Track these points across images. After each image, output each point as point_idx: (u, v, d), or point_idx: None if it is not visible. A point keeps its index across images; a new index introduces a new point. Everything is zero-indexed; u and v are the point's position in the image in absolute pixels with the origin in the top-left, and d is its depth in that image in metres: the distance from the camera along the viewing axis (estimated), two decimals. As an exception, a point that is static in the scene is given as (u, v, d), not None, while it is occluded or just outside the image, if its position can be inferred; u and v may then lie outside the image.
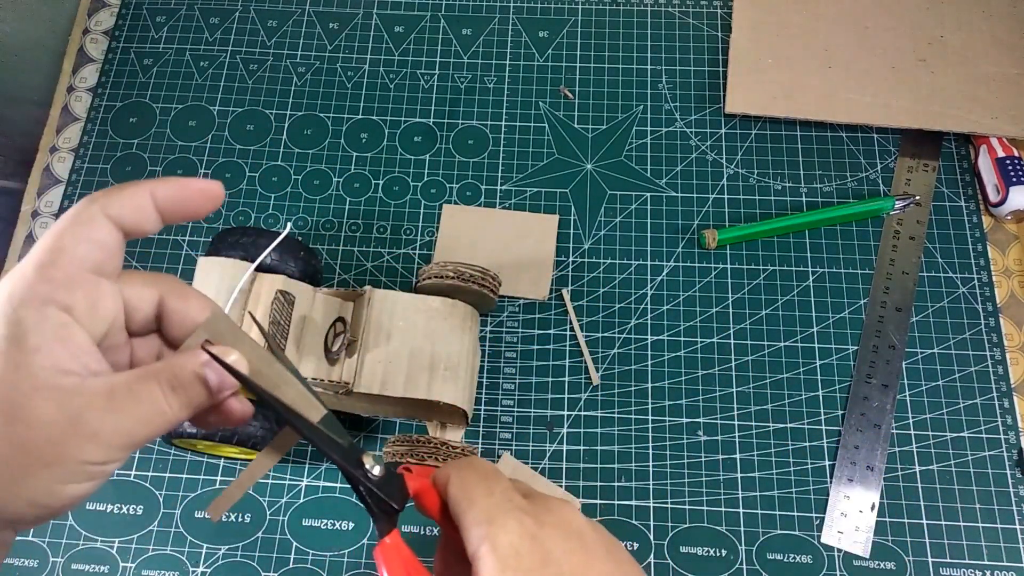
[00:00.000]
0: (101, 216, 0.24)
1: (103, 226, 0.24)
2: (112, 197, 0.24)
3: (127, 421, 0.23)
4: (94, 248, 0.24)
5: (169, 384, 0.24)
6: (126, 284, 0.25)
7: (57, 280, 0.23)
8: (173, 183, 0.26)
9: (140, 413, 0.23)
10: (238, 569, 0.46)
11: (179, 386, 0.24)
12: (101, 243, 0.24)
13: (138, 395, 0.23)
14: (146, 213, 0.25)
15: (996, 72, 0.56)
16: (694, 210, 0.55)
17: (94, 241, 0.24)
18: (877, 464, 0.48)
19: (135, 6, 0.63)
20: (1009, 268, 0.53)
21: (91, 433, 0.22)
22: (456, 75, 0.60)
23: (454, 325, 0.46)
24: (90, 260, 0.24)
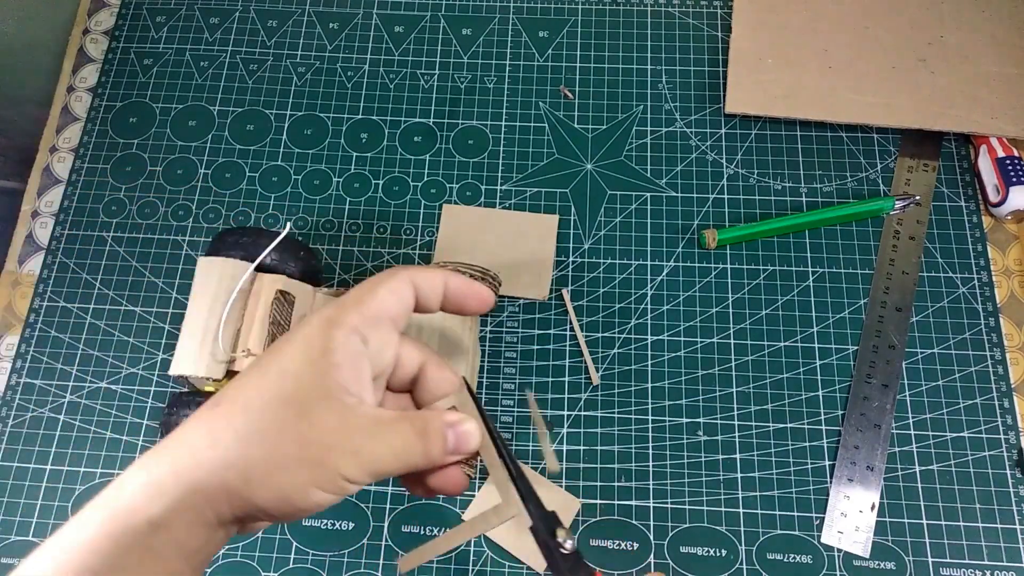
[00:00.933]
0: (408, 280, 0.30)
1: (407, 288, 0.29)
2: (419, 271, 0.30)
3: (381, 448, 0.27)
4: (397, 302, 0.29)
5: (419, 430, 0.28)
6: (402, 343, 0.30)
7: (366, 316, 0.28)
8: (464, 282, 0.31)
9: (393, 445, 0.27)
10: (238, 569, 0.46)
11: (426, 434, 0.28)
12: (402, 300, 0.29)
13: (396, 430, 0.27)
14: (436, 293, 0.30)
15: (996, 72, 0.56)
16: (694, 210, 0.55)
17: (398, 296, 0.29)
18: (877, 464, 0.48)
19: (135, 6, 0.63)
20: (1009, 268, 0.53)
21: (354, 449, 0.26)
22: (456, 75, 0.60)
23: (454, 325, 0.46)
24: (392, 310, 0.29)
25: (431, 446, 0.28)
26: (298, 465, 0.26)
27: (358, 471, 0.26)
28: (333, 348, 0.27)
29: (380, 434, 0.27)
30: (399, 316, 0.29)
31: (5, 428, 0.50)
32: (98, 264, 0.54)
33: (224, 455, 0.26)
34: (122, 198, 0.57)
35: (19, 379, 0.51)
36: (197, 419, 0.27)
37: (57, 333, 0.53)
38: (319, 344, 0.27)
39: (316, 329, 0.27)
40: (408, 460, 0.28)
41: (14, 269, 0.55)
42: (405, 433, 0.28)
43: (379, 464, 0.27)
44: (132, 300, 0.53)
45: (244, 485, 0.25)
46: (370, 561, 0.46)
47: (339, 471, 0.26)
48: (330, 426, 0.26)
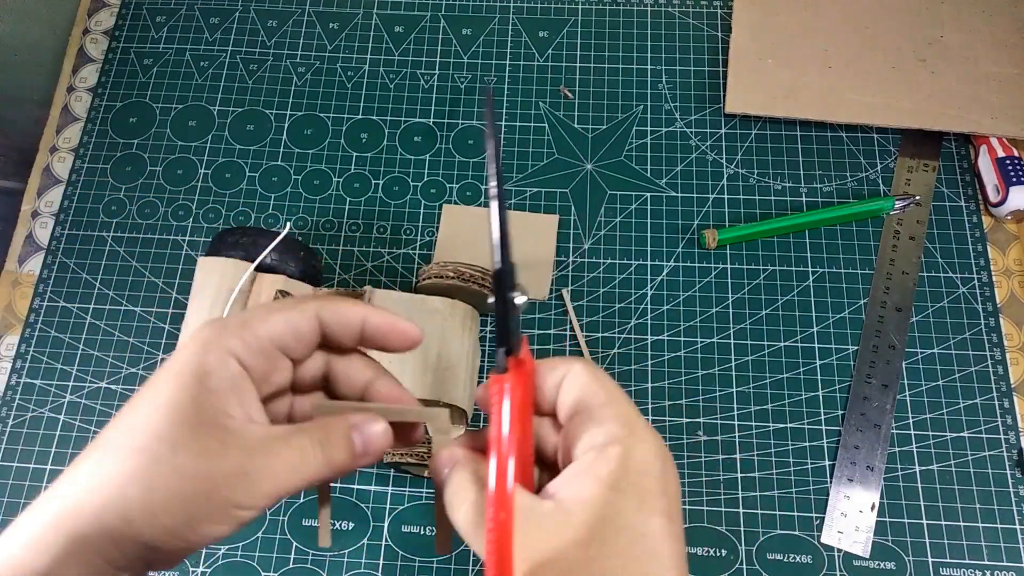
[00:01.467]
0: (312, 312, 0.27)
1: (308, 323, 0.27)
2: (331, 304, 0.28)
3: (276, 466, 0.25)
4: (290, 333, 0.27)
5: (319, 440, 0.26)
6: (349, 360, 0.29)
7: (247, 340, 0.26)
8: (385, 319, 0.28)
9: (290, 461, 0.25)
10: (238, 569, 0.46)
11: (327, 444, 0.26)
12: (297, 333, 0.27)
13: (291, 444, 0.26)
14: (350, 331, 0.28)
15: (996, 72, 0.56)
16: (694, 210, 0.55)
17: (294, 329, 0.27)
18: (877, 464, 0.48)
19: (135, 6, 0.63)
20: (1009, 268, 0.53)
21: (243, 473, 0.24)
22: (456, 75, 0.60)
23: (454, 325, 0.46)
24: (281, 339, 0.27)
25: (334, 453, 0.26)
26: (180, 502, 0.24)
27: (251, 496, 0.25)
28: (208, 372, 0.25)
29: (273, 451, 0.25)
30: (291, 346, 0.27)
31: (5, 428, 0.50)
32: (98, 264, 0.54)
33: (102, 499, 0.24)
34: (122, 198, 0.57)
35: (19, 379, 0.51)
36: (81, 459, 0.26)
37: (57, 333, 0.53)
38: (192, 370, 0.25)
39: (189, 355, 0.25)
40: (308, 473, 0.26)
41: (14, 269, 0.55)
42: (302, 446, 0.26)
43: (275, 484, 0.25)
44: (132, 300, 0.53)
45: (127, 527, 0.24)
46: (370, 561, 0.46)
47: (229, 501, 0.24)
48: (211, 454, 0.24)
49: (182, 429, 0.24)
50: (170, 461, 0.24)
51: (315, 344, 0.28)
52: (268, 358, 0.27)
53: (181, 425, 0.24)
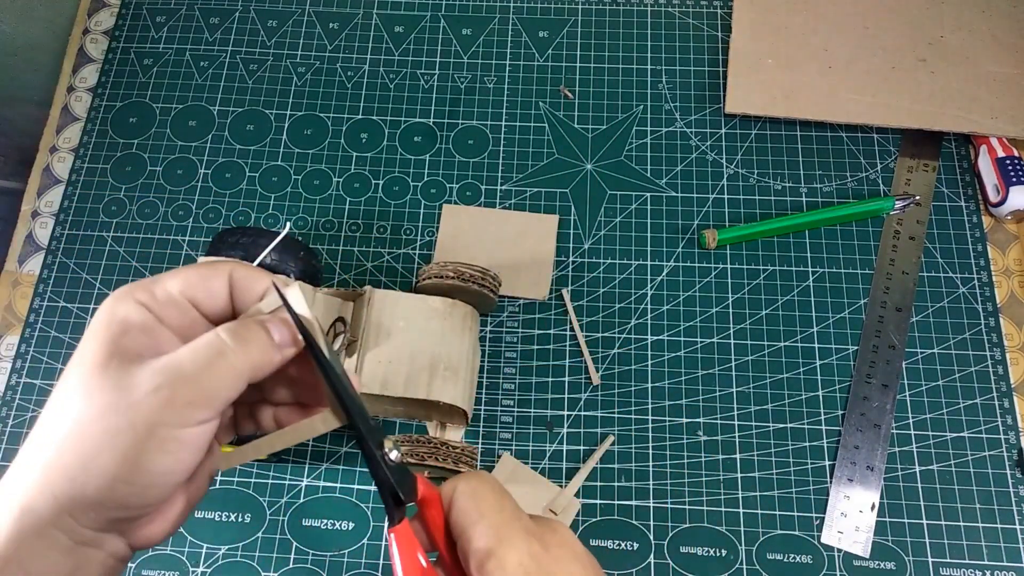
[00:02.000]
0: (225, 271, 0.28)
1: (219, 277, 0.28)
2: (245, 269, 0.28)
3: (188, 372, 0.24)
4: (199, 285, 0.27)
5: (234, 335, 0.26)
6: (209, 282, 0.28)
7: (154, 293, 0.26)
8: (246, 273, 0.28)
9: (200, 361, 0.25)
10: (238, 569, 0.46)
11: (244, 337, 0.26)
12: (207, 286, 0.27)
13: (196, 347, 0.25)
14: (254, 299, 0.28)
15: (996, 72, 0.56)
16: (694, 210, 0.55)
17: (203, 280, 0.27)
18: (877, 464, 0.48)
19: (135, 6, 0.63)
20: (1009, 268, 0.53)
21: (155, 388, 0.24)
22: (456, 75, 0.60)
23: (454, 325, 0.46)
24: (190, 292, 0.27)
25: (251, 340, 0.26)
26: (108, 437, 0.23)
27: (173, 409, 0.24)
28: (115, 320, 0.25)
29: (186, 362, 0.25)
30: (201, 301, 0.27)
31: (5, 428, 0.50)
32: (98, 264, 0.54)
33: (44, 463, 0.24)
34: (122, 198, 0.57)
35: (19, 379, 0.51)
36: (26, 440, 0.26)
37: (57, 333, 0.53)
38: (101, 320, 0.25)
39: (100, 311, 0.26)
40: (233, 368, 0.25)
41: (14, 269, 0.55)
42: (212, 342, 0.25)
43: (199, 389, 0.24)
44: (132, 300, 0.53)
45: (70, 485, 0.23)
46: (370, 561, 0.46)
47: (152, 420, 0.24)
48: (123, 387, 0.24)
49: (95, 372, 0.24)
50: (89, 402, 0.24)
51: (226, 305, 0.28)
52: (180, 310, 0.27)
53: (93, 371, 0.24)
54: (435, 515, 0.28)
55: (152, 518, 0.26)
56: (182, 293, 0.27)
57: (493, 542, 0.25)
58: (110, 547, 0.26)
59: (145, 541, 0.27)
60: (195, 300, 0.27)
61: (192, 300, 0.27)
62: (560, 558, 0.26)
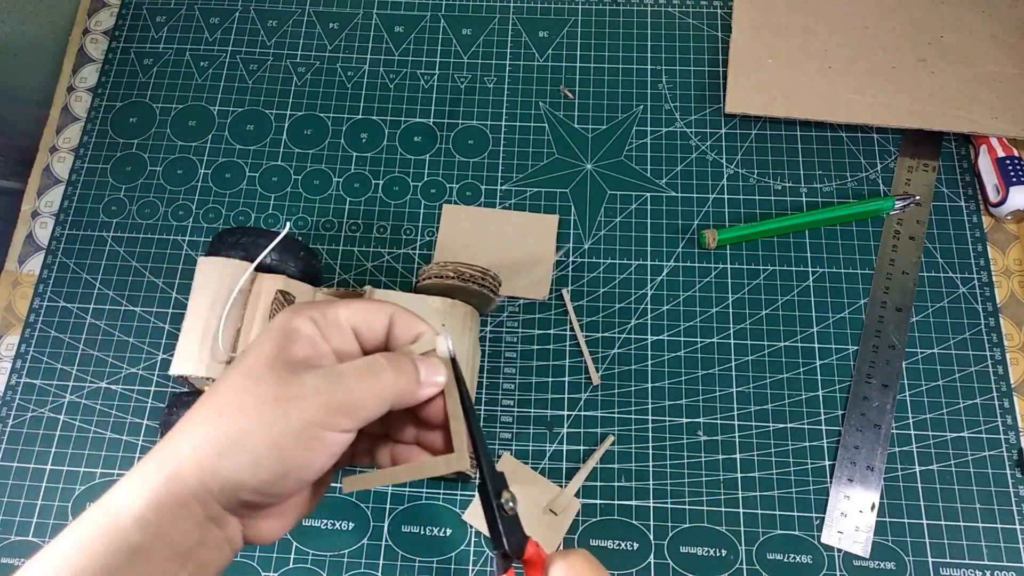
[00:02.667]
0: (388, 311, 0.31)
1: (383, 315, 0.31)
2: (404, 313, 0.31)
3: (350, 383, 0.27)
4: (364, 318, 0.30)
5: (390, 361, 0.29)
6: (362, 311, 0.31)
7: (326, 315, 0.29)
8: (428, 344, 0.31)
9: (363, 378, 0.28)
10: (238, 569, 0.46)
11: (397, 365, 0.29)
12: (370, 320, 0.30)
13: (364, 364, 0.28)
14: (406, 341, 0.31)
15: (996, 72, 0.56)
16: (694, 210, 0.55)
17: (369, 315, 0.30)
18: (877, 464, 0.48)
19: (135, 6, 0.63)
20: (1009, 268, 0.53)
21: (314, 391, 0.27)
22: (456, 75, 0.60)
23: (454, 325, 0.46)
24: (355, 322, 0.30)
25: (406, 374, 0.29)
26: (260, 424, 0.26)
27: (325, 412, 0.27)
28: (292, 329, 0.28)
29: (346, 374, 0.28)
30: (363, 334, 0.30)
31: (5, 428, 0.50)
32: (98, 264, 0.54)
33: (198, 437, 0.26)
34: (122, 198, 0.57)
35: (19, 379, 0.51)
36: (184, 416, 0.28)
37: (57, 333, 0.53)
38: (277, 327, 0.29)
39: (280, 317, 0.29)
40: (380, 386, 0.28)
41: (14, 269, 0.55)
42: (370, 362, 0.28)
43: (346, 396, 0.27)
44: (132, 300, 0.53)
45: (218, 461, 0.26)
46: (370, 561, 0.46)
47: (305, 418, 0.26)
48: (289, 382, 0.27)
49: (264, 367, 0.27)
50: (252, 390, 0.26)
51: (383, 340, 0.31)
52: (342, 334, 0.30)
53: (263, 365, 0.27)
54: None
55: (271, 513, 0.29)
56: (347, 320, 0.30)
57: None
58: (230, 530, 0.28)
59: (258, 535, 0.29)
60: (357, 330, 0.30)
61: (355, 329, 0.30)
62: None
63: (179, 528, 0.26)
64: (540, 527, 0.46)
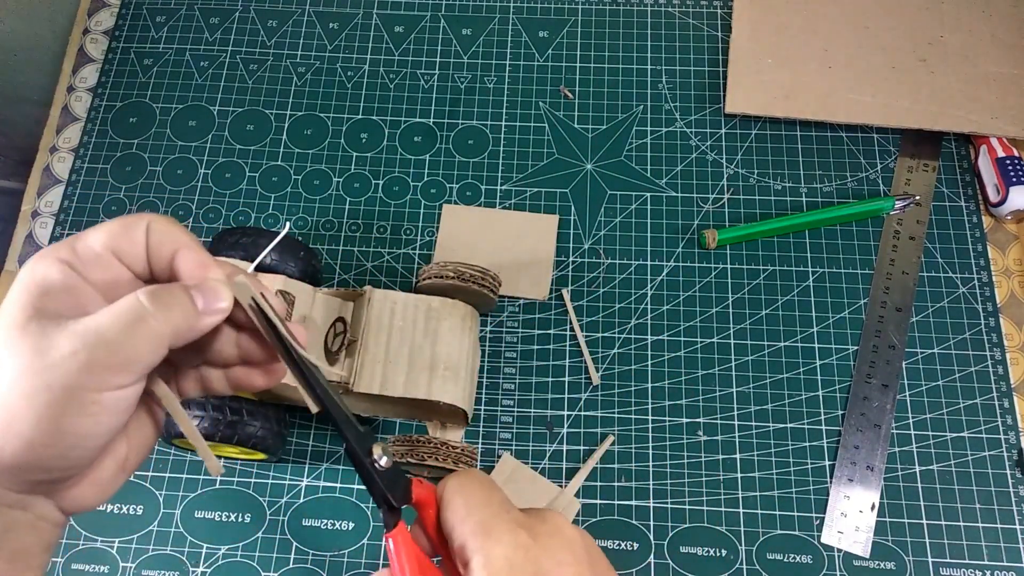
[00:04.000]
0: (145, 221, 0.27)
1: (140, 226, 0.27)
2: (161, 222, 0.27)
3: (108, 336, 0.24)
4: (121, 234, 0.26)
5: (153, 299, 0.25)
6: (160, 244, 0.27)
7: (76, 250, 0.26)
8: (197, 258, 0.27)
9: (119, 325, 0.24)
10: (238, 569, 0.46)
11: (165, 302, 0.25)
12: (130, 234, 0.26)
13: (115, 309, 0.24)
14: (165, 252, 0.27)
15: (996, 72, 0.56)
16: (694, 210, 0.55)
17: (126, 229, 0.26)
18: (877, 464, 0.48)
19: (135, 6, 0.63)
20: (1009, 268, 0.53)
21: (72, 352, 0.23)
22: (456, 75, 0.60)
23: (454, 325, 0.46)
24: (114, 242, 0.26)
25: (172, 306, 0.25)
26: (25, 399, 0.23)
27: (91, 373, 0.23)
28: (36, 280, 0.25)
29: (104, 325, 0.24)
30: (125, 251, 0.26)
31: (5, 428, 0.50)
32: (98, 264, 0.54)
33: None
34: (122, 198, 0.57)
35: (19, 379, 0.51)
36: None
37: (57, 333, 0.53)
38: (23, 280, 0.25)
39: (22, 271, 0.25)
40: (152, 332, 0.24)
41: (14, 269, 0.55)
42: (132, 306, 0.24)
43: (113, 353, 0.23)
44: (132, 300, 0.53)
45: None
46: (370, 561, 0.46)
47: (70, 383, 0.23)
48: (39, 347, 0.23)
49: (12, 336, 0.23)
50: (5, 370, 0.23)
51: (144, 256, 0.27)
52: (103, 265, 0.26)
53: (12, 333, 0.24)
54: (433, 516, 0.28)
55: (78, 481, 0.26)
56: (105, 247, 0.26)
57: (480, 537, 0.25)
58: (38, 510, 0.25)
59: (76, 505, 0.26)
60: (119, 252, 0.26)
61: (116, 252, 0.26)
62: (549, 547, 0.26)
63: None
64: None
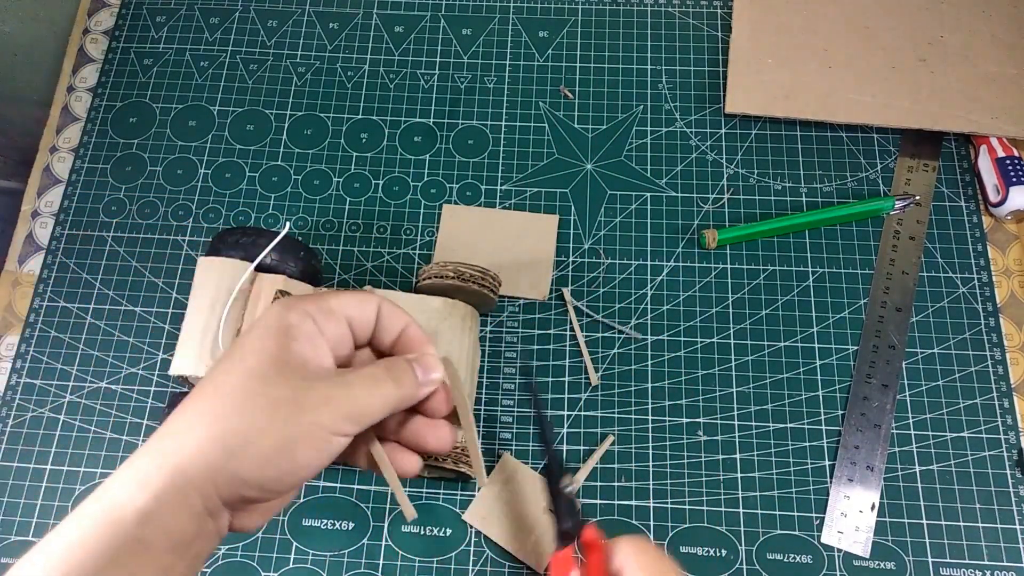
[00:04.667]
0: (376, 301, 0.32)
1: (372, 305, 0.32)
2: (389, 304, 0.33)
3: (353, 392, 0.29)
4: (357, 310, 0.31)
5: (386, 367, 0.30)
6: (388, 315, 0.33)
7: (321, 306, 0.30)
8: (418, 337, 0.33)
9: (363, 387, 0.29)
10: (238, 569, 0.46)
11: (394, 369, 0.31)
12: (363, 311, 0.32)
13: (363, 373, 0.30)
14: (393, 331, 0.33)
15: (996, 72, 0.56)
16: (694, 210, 0.55)
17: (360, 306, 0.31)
18: (877, 464, 0.48)
19: (135, 6, 0.63)
20: (1009, 268, 0.53)
21: (326, 397, 0.28)
22: (456, 75, 0.60)
23: (454, 325, 0.46)
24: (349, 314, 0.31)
25: (401, 377, 0.30)
26: (273, 426, 0.27)
27: (334, 418, 0.28)
28: (290, 326, 0.29)
29: (347, 380, 0.29)
30: (356, 324, 0.31)
31: (5, 428, 0.50)
32: (98, 264, 0.54)
33: (204, 433, 0.27)
34: (122, 198, 0.57)
35: (19, 379, 0.51)
36: (178, 410, 0.28)
37: (57, 333, 0.53)
38: (276, 324, 0.29)
39: (273, 315, 0.29)
40: (384, 394, 0.30)
41: (14, 269, 0.55)
42: (373, 373, 0.30)
43: (355, 405, 0.29)
44: (132, 300, 0.53)
45: (227, 459, 0.26)
46: (370, 561, 0.46)
47: (316, 422, 0.27)
48: (297, 386, 0.28)
49: (271, 367, 0.28)
50: (263, 392, 0.27)
51: (370, 329, 0.32)
52: (337, 325, 0.31)
53: (270, 365, 0.28)
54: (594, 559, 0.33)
55: (259, 506, 0.29)
56: (341, 310, 0.31)
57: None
58: (222, 522, 0.28)
59: (243, 525, 0.29)
60: (351, 321, 0.31)
61: (349, 321, 0.31)
62: None
63: (179, 521, 0.26)
64: (540, 527, 0.46)
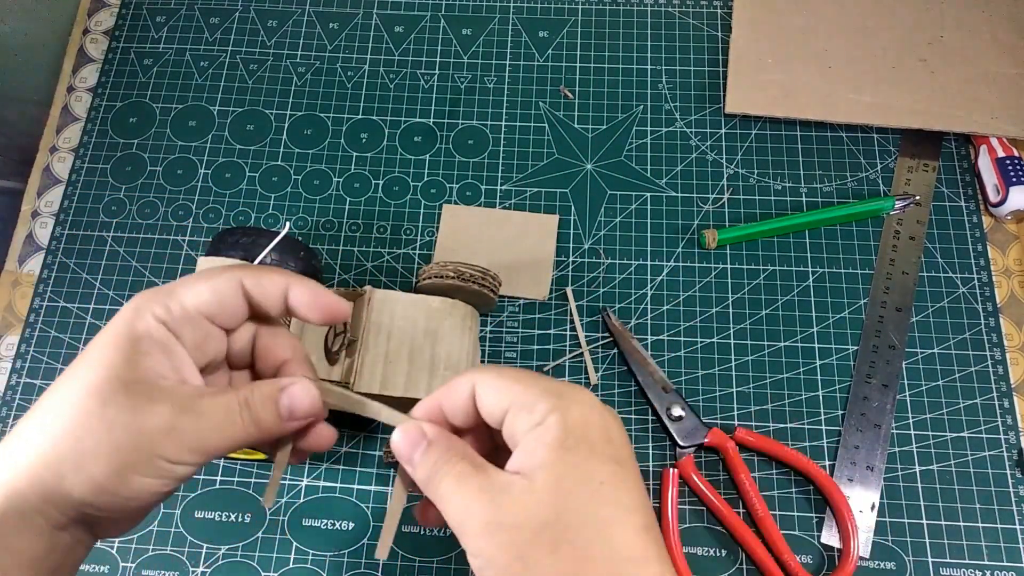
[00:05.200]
0: (236, 280, 0.28)
1: (232, 287, 0.28)
2: (254, 273, 0.29)
3: (202, 424, 0.26)
4: (213, 299, 0.28)
5: (245, 401, 0.27)
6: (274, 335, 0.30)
7: (172, 309, 0.27)
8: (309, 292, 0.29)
9: (215, 420, 0.26)
10: (238, 569, 0.46)
11: (253, 404, 0.27)
12: (221, 299, 0.28)
13: (217, 402, 0.27)
14: (274, 300, 0.29)
15: (996, 72, 0.56)
16: (694, 210, 0.55)
17: (219, 296, 0.28)
18: (877, 464, 0.48)
19: (135, 6, 0.63)
20: (1009, 268, 0.53)
21: (170, 427, 0.25)
22: (456, 75, 0.60)
23: (454, 325, 0.46)
24: (207, 308, 0.28)
25: (262, 414, 0.27)
26: (108, 451, 0.25)
27: (178, 451, 0.26)
28: (139, 336, 0.26)
29: (200, 410, 0.26)
30: (217, 316, 0.28)
31: (5, 428, 0.50)
32: (98, 264, 0.54)
33: (36, 454, 0.25)
34: (122, 198, 0.57)
35: (19, 379, 0.51)
36: (21, 423, 0.27)
37: (57, 333, 0.53)
38: (124, 333, 0.26)
39: (121, 321, 0.27)
40: (234, 434, 0.27)
41: (14, 269, 0.55)
42: (229, 405, 0.27)
43: (202, 440, 0.26)
44: (132, 300, 0.53)
45: (59, 481, 0.25)
46: (370, 561, 0.46)
47: (156, 452, 0.25)
48: (139, 409, 0.25)
49: (113, 385, 0.25)
50: (100, 413, 0.25)
51: (242, 313, 0.29)
52: (196, 326, 0.28)
53: (112, 381, 0.25)
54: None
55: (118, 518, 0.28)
56: (198, 309, 0.28)
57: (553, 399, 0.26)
58: (77, 534, 0.27)
59: (109, 534, 0.29)
60: (211, 316, 0.28)
61: (209, 316, 0.28)
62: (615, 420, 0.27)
63: (23, 540, 0.25)
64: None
